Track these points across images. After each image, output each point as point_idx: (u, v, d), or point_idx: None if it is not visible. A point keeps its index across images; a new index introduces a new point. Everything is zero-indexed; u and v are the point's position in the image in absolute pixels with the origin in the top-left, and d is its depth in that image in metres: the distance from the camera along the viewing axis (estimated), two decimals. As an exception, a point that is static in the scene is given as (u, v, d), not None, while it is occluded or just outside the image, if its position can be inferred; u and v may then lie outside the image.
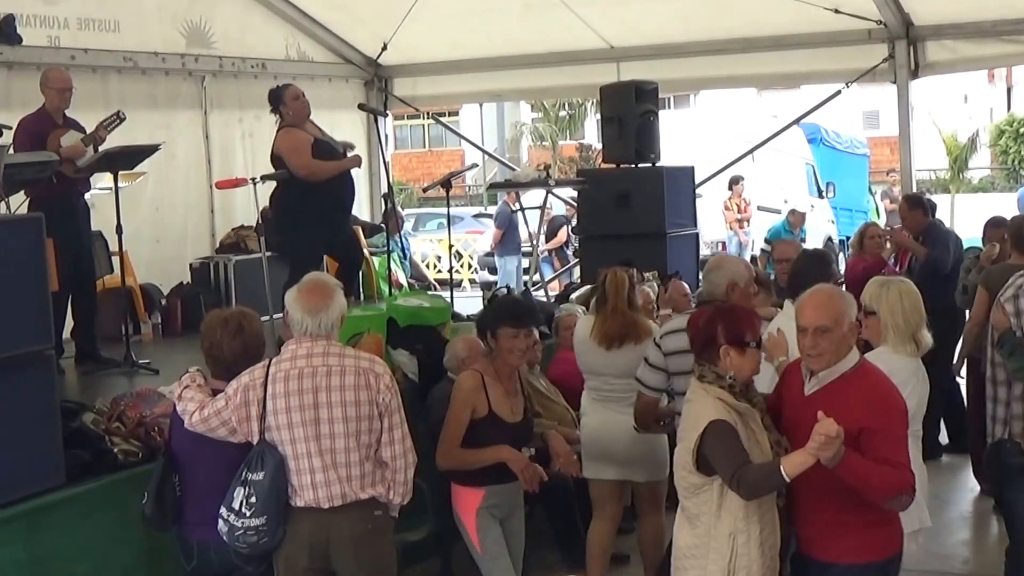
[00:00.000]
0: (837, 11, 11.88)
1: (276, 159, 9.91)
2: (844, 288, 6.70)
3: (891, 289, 5.92)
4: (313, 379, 5.51)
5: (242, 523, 5.46)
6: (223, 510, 5.50)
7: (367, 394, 5.54)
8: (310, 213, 9.79)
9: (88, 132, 9.27)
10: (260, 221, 9.83)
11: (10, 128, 8.60)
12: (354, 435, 5.52)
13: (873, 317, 5.86)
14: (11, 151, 8.06)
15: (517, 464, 6.45)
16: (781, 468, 4.76)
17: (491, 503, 6.60)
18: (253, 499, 5.44)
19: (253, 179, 9.50)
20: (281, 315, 9.62)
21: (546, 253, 19.06)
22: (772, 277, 9.93)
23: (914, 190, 12.95)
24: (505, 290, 11.27)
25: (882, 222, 22.77)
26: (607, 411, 7.29)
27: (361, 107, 12.36)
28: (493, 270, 21.25)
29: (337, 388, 5.51)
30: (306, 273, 9.39)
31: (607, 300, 7.24)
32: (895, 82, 12.45)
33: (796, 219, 18.72)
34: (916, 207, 10.72)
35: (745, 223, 21.94)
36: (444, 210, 16.55)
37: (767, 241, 17.78)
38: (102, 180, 10.01)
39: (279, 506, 5.49)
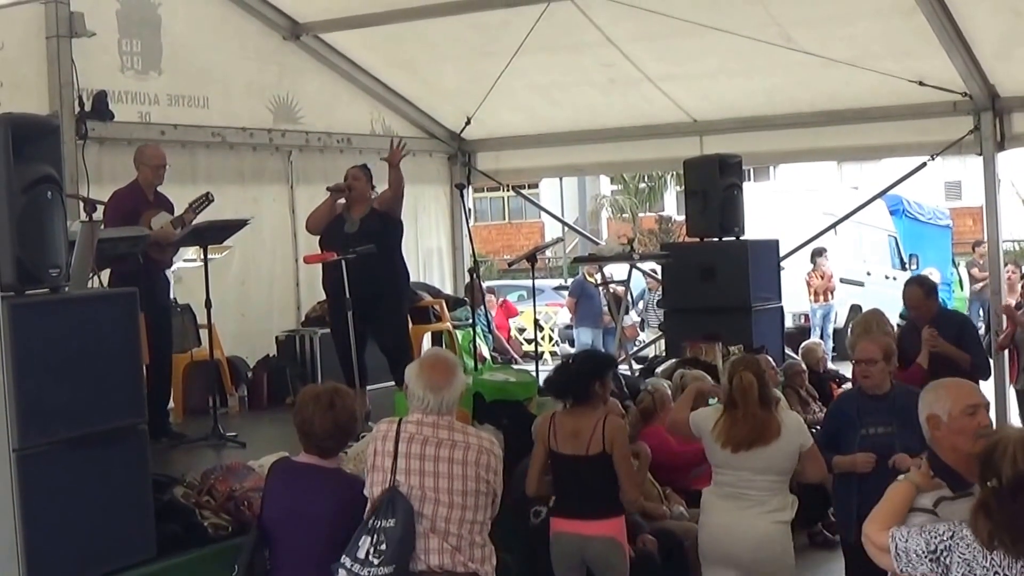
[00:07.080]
0: (922, 83, 11.74)
1: None
2: None
3: None
4: (437, 448, 5.51)
5: (368, 572, 5.36)
6: (345, 560, 5.41)
7: (485, 473, 5.56)
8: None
9: (177, 214, 9.33)
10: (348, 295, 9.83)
11: (102, 203, 8.63)
12: (472, 508, 5.52)
13: None
14: (101, 226, 8.15)
15: None
16: None
17: None
18: (383, 546, 5.36)
19: (340, 253, 9.56)
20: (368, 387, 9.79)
21: (612, 324, 18.93)
22: None
23: (1002, 262, 12.75)
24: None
25: (966, 294, 22.62)
26: (733, 508, 6.66)
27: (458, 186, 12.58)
28: (573, 342, 21.21)
29: (459, 462, 5.50)
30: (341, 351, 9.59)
31: (736, 406, 6.65)
32: (981, 154, 12.24)
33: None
34: (932, 294, 9.68)
35: (829, 294, 21.75)
36: (524, 282, 16.57)
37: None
38: (187, 252, 10.12)
39: (406, 558, 5.43)
